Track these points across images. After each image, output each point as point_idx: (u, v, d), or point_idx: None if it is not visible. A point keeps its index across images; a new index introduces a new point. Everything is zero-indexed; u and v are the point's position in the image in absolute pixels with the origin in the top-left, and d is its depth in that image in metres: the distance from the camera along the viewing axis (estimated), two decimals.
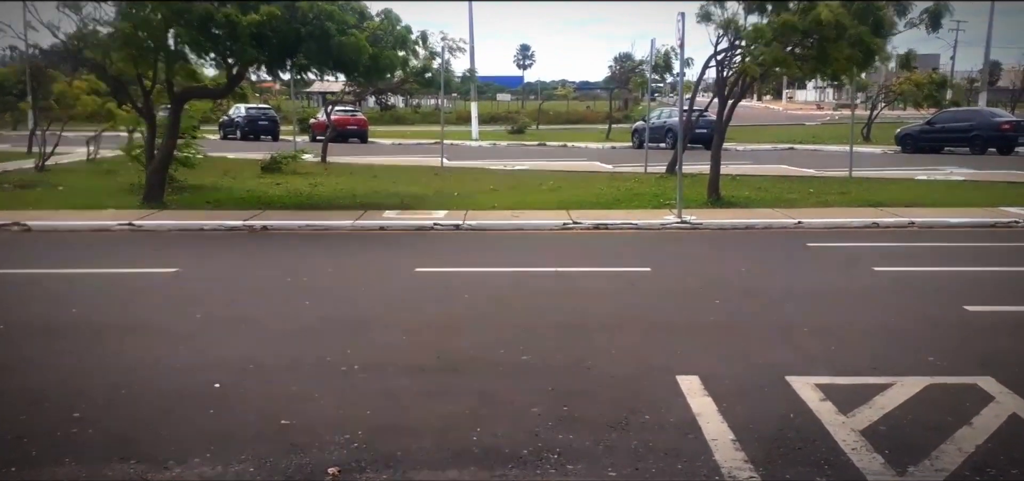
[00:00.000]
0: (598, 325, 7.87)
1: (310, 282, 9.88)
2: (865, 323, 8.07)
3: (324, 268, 10.80)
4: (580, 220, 14.86)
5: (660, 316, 8.32)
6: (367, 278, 10.33)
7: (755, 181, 21.08)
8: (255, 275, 10.54)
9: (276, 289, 9.59)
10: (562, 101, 78.94)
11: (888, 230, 14.33)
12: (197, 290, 9.56)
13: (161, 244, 12.66)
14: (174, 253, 11.87)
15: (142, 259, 11.40)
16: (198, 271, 10.71)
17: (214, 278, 10.31)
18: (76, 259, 11.57)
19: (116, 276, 10.37)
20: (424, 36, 18.39)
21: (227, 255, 12.06)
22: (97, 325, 7.89)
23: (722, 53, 17.96)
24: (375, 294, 9.34)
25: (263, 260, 11.63)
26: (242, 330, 7.67)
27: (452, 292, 9.32)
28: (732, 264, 11.31)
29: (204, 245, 12.81)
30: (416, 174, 23.43)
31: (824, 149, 34.87)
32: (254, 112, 43.77)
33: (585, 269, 10.86)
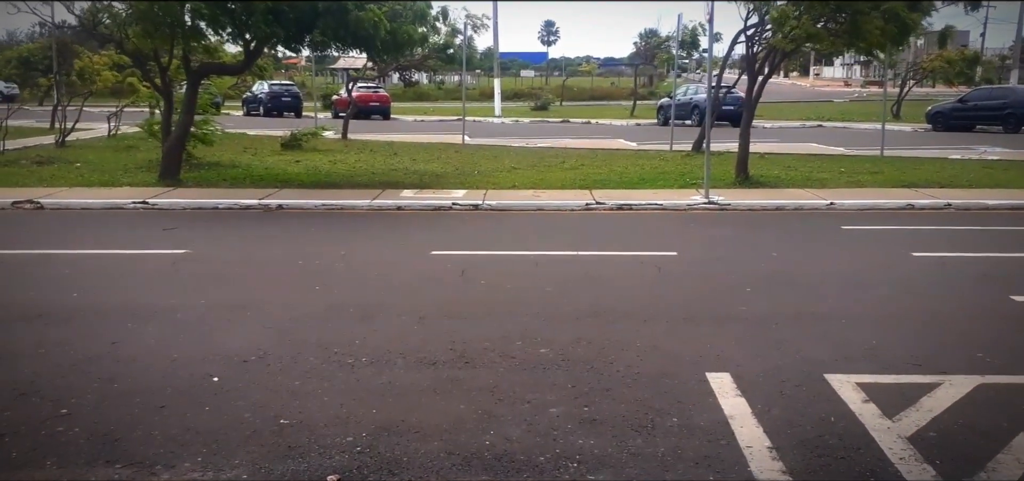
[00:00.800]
0: (621, 315, 7.44)
1: (322, 265, 9.51)
2: (907, 314, 7.59)
3: (337, 250, 10.43)
4: (603, 200, 14.41)
5: (688, 305, 7.86)
6: (381, 261, 9.95)
7: (784, 160, 20.53)
8: (266, 257, 10.19)
9: (286, 273, 9.23)
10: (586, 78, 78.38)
11: (924, 212, 13.78)
12: (205, 273, 9.22)
13: (173, 223, 12.35)
14: (185, 233, 11.55)
15: (152, 240, 11.09)
16: (208, 252, 10.38)
17: (223, 260, 9.96)
18: (84, 239, 11.29)
19: (123, 258, 10.06)
20: (445, 12, 18.07)
21: (239, 236, 11.73)
22: (97, 310, 7.56)
23: (752, 28, 17.39)
24: (388, 279, 8.95)
25: (275, 241, 11.28)
26: (247, 317, 7.31)
27: (468, 277, 8.91)
28: (763, 248, 10.82)
29: (217, 225, 12.49)
30: (437, 151, 23.05)
31: (854, 127, 34.17)
32: (277, 88, 43.85)
33: (608, 253, 10.41)
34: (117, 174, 17.11)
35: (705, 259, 10.08)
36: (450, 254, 10.14)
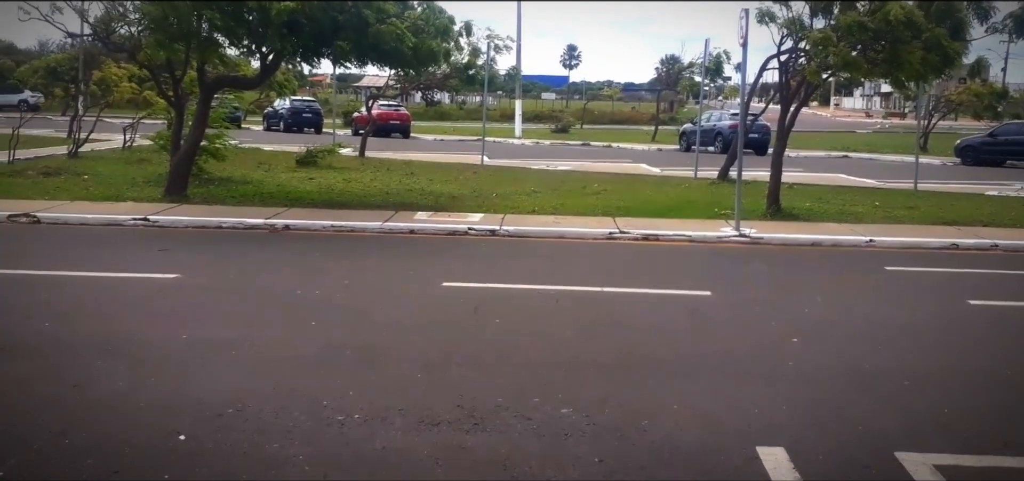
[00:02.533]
0: (654, 366, 6.61)
1: (322, 296, 8.73)
2: (979, 376, 6.69)
3: (340, 279, 9.64)
4: (628, 229, 13.60)
5: (728, 357, 6.99)
6: (387, 293, 9.15)
7: (813, 191, 19.65)
8: (262, 285, 9.41)
9: (283, 304, 8.45)
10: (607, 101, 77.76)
11: (970, 253, 12.89)
12: (193, 302, 8.45)
13: (170, 243, 11.63)
14: (181, 255, 10.82)
15: (143, 261, 10.36)
16: (200, 277, 9.60)
17: (215, 287, 9.17)
18: (74, 259, 10.56)
19: (109, 282, 9.31)
20: (468, 27, 17.29)
21: (238, 259, 10.97)
22: (67, 344, 6.79)
23: (785, 54, 16.58)
24: (394, 314, 8.16)
25: (276, 266, 10.52)
26: (231, 358, 6.52)
27: (482, 314, 8.10)
28: (804, 290, 9.95)
29: (217, 246, 11.76)
30: (455, 172, 22.32)
31: (880, 158, 33.26)
32: (298, 104, 43.63)
33: (635, 290, 9.56)
34: (123, 188, 16.46)
35: (743, 301, 9.20)
36: (463, 286, 9.34)
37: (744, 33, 14.22)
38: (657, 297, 9.24)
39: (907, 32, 13.86)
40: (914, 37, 13.98)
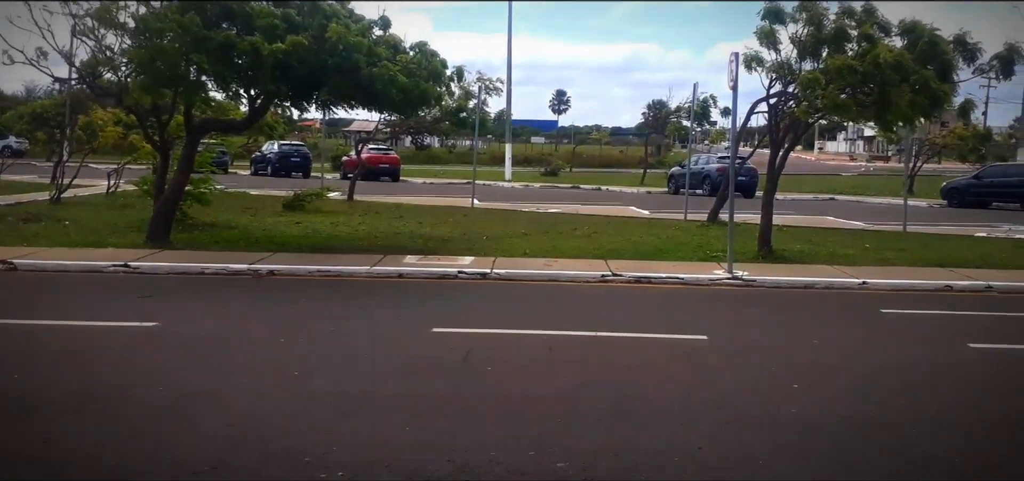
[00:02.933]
0: (653, 415, 6.36)
1: (306, 344, 8.45)
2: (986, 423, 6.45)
3: (326, 325, 9.38)
4: (620, 271, 13.40)
5: (728, 404, 6.75)
6: (374, 340, 8.87)
7: (803, 233, 19.53)
8: (245, 333, 9.12)
9: (264, 353, 8.17)
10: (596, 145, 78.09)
11: (965, 295, 12.72)
12: (171, 351, 8.15)
13: (150, 290, 11.34)
14: (160, 302, 10.52)
15: (121, 309, 10.04)
16: (180, 326, 9.29)
17: (195, 336, 8.85)
18: (50, 307, 10.24)
19: (85, 331, 8.99)
20: (460, 71, 17.25)
21: (219, 306, 10.67)
22: (30, 400, 6.44)
23: (774, 97, 16.53)
24: (381, 362, 7.89)
25: (260, 313, 10.24)
26: (208, 411, 6.24)
27: (473, 362, 7.84)
28: (800, 333, 9.74)
29: (199, 292, 11.48)
30: (445, 215, 22.13)
31: (867, 201, 33.32)
32: (286, 148, 43.60)
33: (630, 335, 9.33)
34: (104, 234, 16.16)
35: (739, 346, 8.98)
36: (453, 332, 9.08)
37: (734, 76, 14.14)
38: (652, 342, 9.01)
39: (895, 75, 13.82)
40: (903, 80, 13.95)
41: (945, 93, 14.31)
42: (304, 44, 13.03)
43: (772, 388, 7.22)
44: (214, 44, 13.17)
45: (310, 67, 13.42)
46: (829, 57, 14.66)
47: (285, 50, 12.90)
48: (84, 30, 14.20)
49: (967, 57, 14.57)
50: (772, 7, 15.00)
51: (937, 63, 14.26)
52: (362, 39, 13.59)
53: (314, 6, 13.91)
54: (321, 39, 13.34)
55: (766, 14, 15.11)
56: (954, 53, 14.47)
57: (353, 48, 13.38)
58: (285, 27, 13.40)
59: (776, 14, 14.99)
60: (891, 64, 13.60)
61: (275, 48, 12.87)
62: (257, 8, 13.57)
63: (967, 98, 16.18)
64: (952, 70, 14.49)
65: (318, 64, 13.45)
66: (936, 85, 14.08)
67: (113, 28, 13.96)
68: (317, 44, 13.33)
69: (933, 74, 14.09)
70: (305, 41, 13.05)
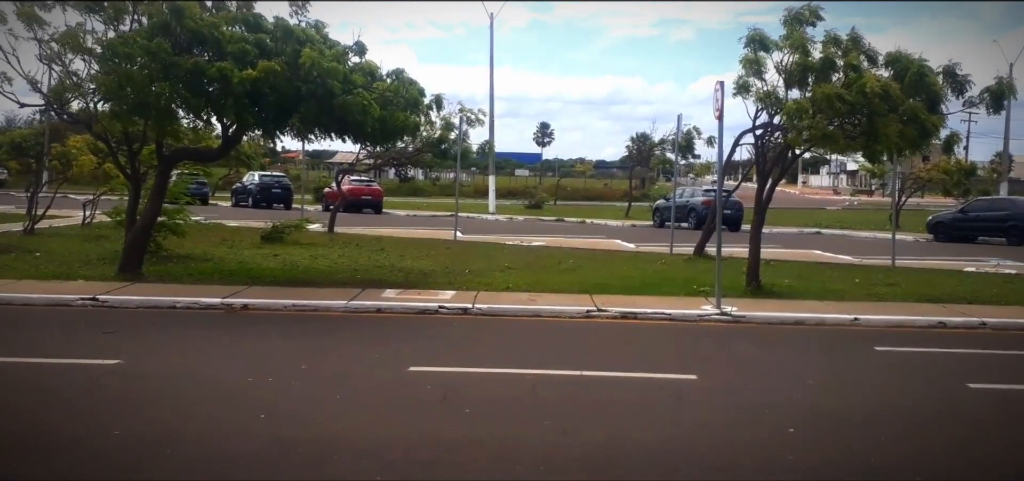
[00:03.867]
0: (643, 462, 5.96)
1: (276, 383, 8.01)
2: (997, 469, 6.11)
3: (298, 363, 8.92)
4: (605, 306, 13.03)
5: (721, 450, 6.35)
6: (348, 379, 8.42)
7: (791, 267, 19.25)
8: (212, 371, 8.65)
9: (231, 393, 7.71)
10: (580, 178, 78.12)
11: (959, 332, 12.41)
12: (132, 392, 7.68)
13: (118, 325, 10.88)
14: (126, 338, 10.07)
15: (84, 346, 9.58)
16: (143, 364, 8.82)
17: (160, 375, 8.38)
18: (8, 343, 9.74)
19: (43, 369, 8.52)
20: (438, 100, 16.97)
21: (189, 342, 10.19)
22: None
23: (761, 128, 16.27)
24: (353, 404, 7.45)
25: (229, 350, 9.79)
26: (166, 458, 5.79)
27: (451, 403, 7.42)
28: (794, 372, 9.37)
29: (168, 328, 11.00)
30: (427, 247, 21.72)
31: (852, 235, 33.18)
32: (267, 180, 43.22)
33: (617, 374, 8.93)
34: (75, 266, 15.67)
35: (731, 386, 8.59)
36: (431, 371, 8.66)
37: (719, 105, 13.87)
38: (640, 382, 8.62)
39: (883, 105, 13.60)
40: (891, 110, 13.72)
41: (934, 125, 14.09)
42: (276, 70, 12.67)
43: (766, 433, 6.84)
44: (183, 71, 12.80)
45: (283, 94, 13.05)
46: (816, 85, 14.42)
47: (256, 76, 12.54)
48: (50, 55, 13.76)
49: (956, 89, 14.37)
50: (756, 33, 14.75)
51: (925, 94, 14.06)
52: (337, 65, 13.25)
53: (287, 31, 13.54)
54: (294, 65, 12.99)
55: (750, 41, 14.86)
56: (943, 85, 14.28)
57: (327, 74, 13.02)
58: (257, 53, 13.04)
59: (760, 41, 14.74)
60: (879, 93, 13.37)
61: (245, 75, 12.51)
62: (229, 33, 13.21)
63: (952, 132, 15.97)
64: (940, 102, 14.29)
65: (291, 91, 13.08)
66: (924, 117, 13.86)
67: (80, 53, 13.53)
68: (290, 70, 12.97)
69: (921, 106, 13.89)
70: (277, 67, 12.70)
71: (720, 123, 14.05)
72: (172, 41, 13.10)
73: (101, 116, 14.81)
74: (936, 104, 14.24)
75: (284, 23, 13.83)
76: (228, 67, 12.75)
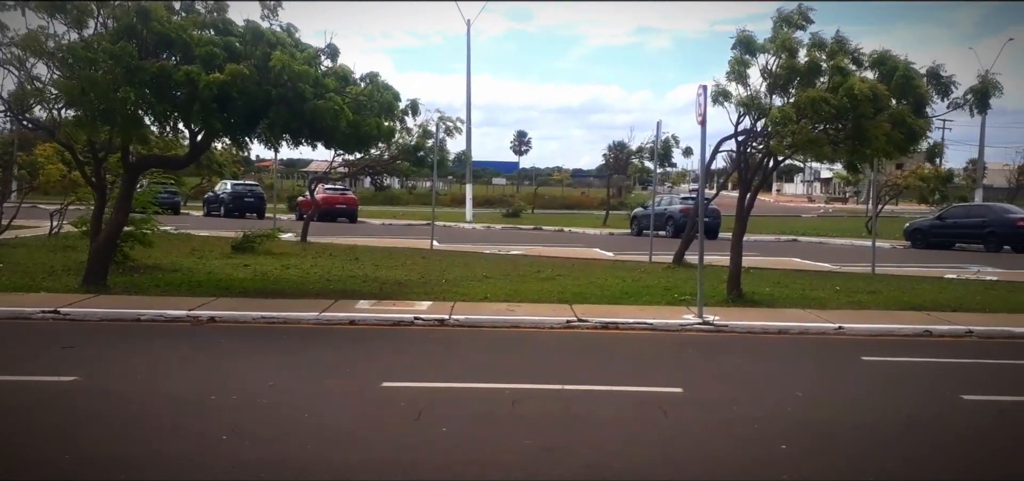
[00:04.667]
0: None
1: (240, 401, 7.58)
2: None
3: (265, 379, 8.49)
4: (585, 316, 12.70)
5: (712, 470, 6.01)
6: (317, 396, 8.00)
7: (771, 275, 19.02)
8: (173, 388, 8.18)
9: (192, 412, 7.27)
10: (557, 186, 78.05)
11: (946, 341, 12.19)
12: (87, 411, 7.22)
13: (79, 339, 10.40)
14: (86, 353, 9.61)
15: (41, 362, 9.11)
16: (102, 380, 8.35)
17: (118, 392, 7.92)
18: None
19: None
20: (414, 105, 16.49)
21: (151, 357, 9.71)
22: None
23: (743, 135, 16.02)
24: (322, 422, 7.03)
25: (193, 365, 9.32)
26: None
27: (426, 422, 7.03)
28: (781, 384, 9.05)
29: (131, 341, 10.54)
30: (402, 257, 21.31)
31: (829, 242, 33.07)
32: (240, 188, 42.69)
33: (600, 388, 8.57)
34: (39, 277, 15.13)
35: (718, 400, 8.26)
36: (405, 387, 8.26)
37: (702, 110, 13.60)
38: (624, 396, 8.26)
39: (871, 107, 13.36)
40: (877, 112, 13.51)
41: (922, 128, 13.90)
42: (244, 74, 12.23)
43: (759, 450, 6.51)
44: (148, 75, 12.34)
45: (252, 99, 12.60)
46: (800, 90, 14.18)
47: (224, 80, 12.10)
48: (10, 59, 13.23)
49: (941, 91, 14.17)
50: (744, 35, 14.50)
51: (911, 97, 13.85)
52: (308, 69, 12.83)
53: (257, 33, 13.11)
54: (264, 69, 12.57)
55: (738, 43, 14.61)
56: (928, 87, 14.08)
57: (298, 78, 12.60)
58: (226, 56, 12.61)
59: (747, 44, 14.50)
60: (867, 96, 13.13)
61: (213, 79, 12.07)
62: (197, 36, 12.76)
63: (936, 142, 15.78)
64: (926, 104, 14.10)
65: (261, 95, 12.63)
66: (912, 120, 13.66)
67: (42, 57, 13.02)
68: (259, 74, 12.54)
69: (908, 109, 13.69)
70: (246, 70, 12.26)
71: (703, 128, 13.76)
72: (138, 45, 12.65)
73: (64, 123, 14.31)
74: (922, 107, 14.04)
75: (254, 26, 13.40)
76: (195, 71, 12.31)
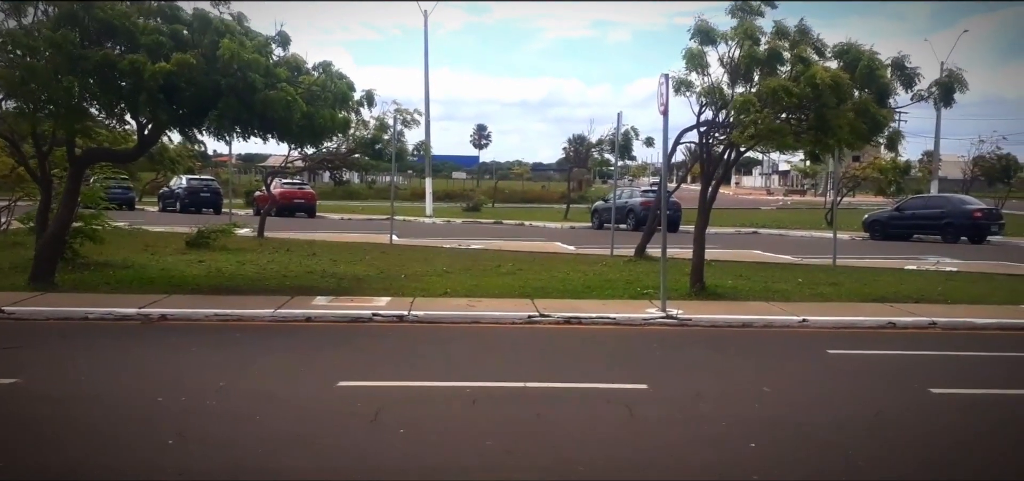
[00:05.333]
0: None
1: (189, 403, 7.22)
2: None
3: (216, 379, 8.13)
4: (547, 311, 12.47)
5: (680, 473, 5.80)
6: (269, 397, 7.66)
7: (733, 268, 18.95)
8: (119, 391, 7.80)
9: (137, 416, 6.90)
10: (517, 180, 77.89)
11: (909, 333, 12.15)
12: (24, 416, 6.82)
13: (24, 339, 9.94)
14: (31, 353, 9.17)
15: None
16: (43, 383, 7.93)
17: (60, 396, 7.50)
18: None
19: None
20: (370, 96, 16.09)
21: (98, 356, 9.31)
22: None
23: (705, 125, 15.89)
24: (273, 425, 6.71)
25: (142, 365, 8.93)
26: None
27: (384, 424, 6.74)
28: (748, 379, 8.88)
29: (77, 341, 10.11)
30: (361, 252, 20.94)
31: (789, 234, 33.26)
32: (195, 184, 41.92)
33: (563, 385, 8.34)
34: None
35: (683, 396, 8.05)
36: (362, 386, 7.95)
37: (665, 100, 13.42)
38: (588, 393, 8.04)
39: (833, 97, 13.29)
40: (840, 102, 13.44)
41: (885, 118, 13.87)
42: (191, 62, 11.80)
43: (727, 450, 6.31)
44: (91, 64, 11.86)
45: (200, 89, 12.16)
46: (762, 79, 14.07)
47: (170, 69, 11.66)
48: None
49: (905, 82, 14.15)
50: (702, 24, 14.35)
51: (875, 87, 13.81)
52: (258, 57, 12.40)
53: (205, 21, 12.66)
54: (212, 58, 12.13)
55: (695, 32, 14.46)
56: (891, 78, 14.05)
57: (248, 67, 12.17)
58: (173, 45, 12.17)
59: (706, 33, 14.34)
60: (829, 85, 13.05)
61: (158, 68, 11.62)
62: (142, 24, 12.29)
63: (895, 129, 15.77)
64: (890, 95, 14.07)
65: (210, 85, 12.19)
66: (875, 110, 13.63)
67: None
68: (208, 63, 12.11)
69: (872, 98, 13.64)
70: (193, 59, 11.83)
71: (665, 118, 13.58)
72: (81, 32, 12.16)
73: (5, 115, 13.76)
74: (885, 97, 14.01)
75: (202, 13, 12.95)
76: (140, 60, 11.85)
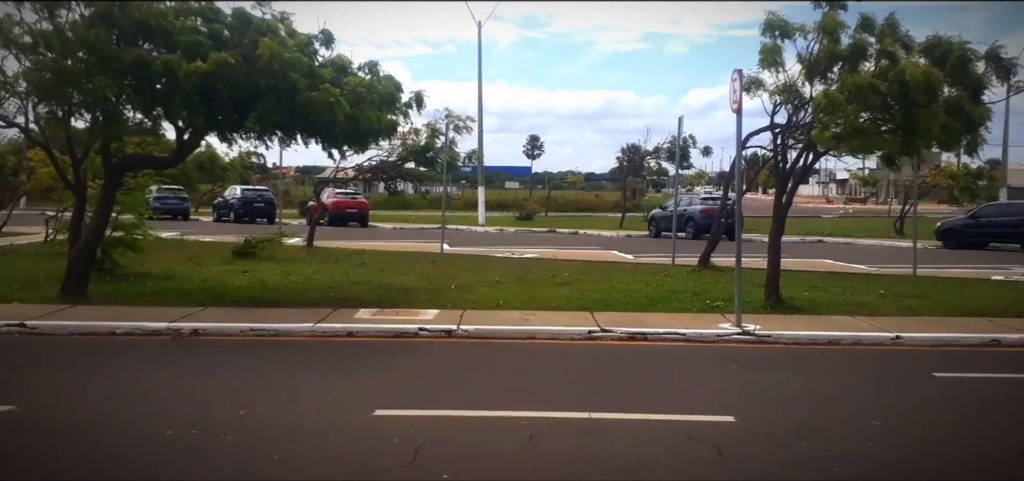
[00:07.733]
0: None
1: (200, 439, 6.25)
2: None
3: (237, 405, 7.18)
4: (609, 326, 11.37)
5: None
6: (295, 429, 6.63)
7: (805, 278, 17.60)
8: (124, 420, 6.83)
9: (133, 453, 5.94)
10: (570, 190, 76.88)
11: (1018, 352, 10.82)
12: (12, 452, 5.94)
13: (38, 358, 9.17)
14: (39, 374, 8.38)
15: None
16: (41, 411, 7.02)
17: (54, 426, 6.57)
18: None
19: None
20: (419, 98, 15.11)
21: (110, 379, 8.40)
22: None
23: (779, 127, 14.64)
24: (296, 465, 5.70)
25: (157, 390, 7.99)
26: None
27: (424, 463, 5.69)
28: (851, 410, 7.62)
29: (97, 359, 9.28)
30: (411, 261, 20.04)
31: (858, 243, 31.55)
32: (250, 194, 41.91)
33: (635, 416, 7.18)
34: (16, 287, 13.95)
35: (780, 433, 6.82)
36: (402, 415, 6.93)
37: (738, 97, 12.23)
38: (665, 427, 6.89)
39: (924, 96, 11.98)
40: (931, 100, 12.12)
41: (981, 116, 12.52)
42: (230, 63, 11.00)
43: None
44: (124, 65, 11.13)
45: (239, 90, 11.38)
46: (842, 76, 12.81)
47: (207, 70, 10.88)
48: None
49: (1001, 74, 12.76)
50: (775, 18, 13.16)
51: (968, 82, 12.47)
52: (300, 56, 11.58)
53: (246, 19, 11.86)
54: (252, 58, 11.32)
55: (767, 27, 13.28)
56: (986, 71, 12.68)
57: (289, 67, 11.35)
58: (212, 45, 11.39)
59: (781, 28, 13.14)
60: (919, 82, 11.76)
61: (194, 68, 10.85)
62: (180, 24, 11.53)
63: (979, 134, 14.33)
64: (985, 89, 12.71)
65: (248, 87, 11.41)
66: (970, 108, 12.28)
67: (8, 46, 11.83)
68: (247, 63, 11.30)
69: (966, 95, 12.30)
70: (231, 59, 11.03)
71: (739, 116, 12.38)
72: (117, 33, 11.48)
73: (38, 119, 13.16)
74: (979, 92, 12.66)
75: (242, 12, 12.18)
76: (175, 59, 11.12)
